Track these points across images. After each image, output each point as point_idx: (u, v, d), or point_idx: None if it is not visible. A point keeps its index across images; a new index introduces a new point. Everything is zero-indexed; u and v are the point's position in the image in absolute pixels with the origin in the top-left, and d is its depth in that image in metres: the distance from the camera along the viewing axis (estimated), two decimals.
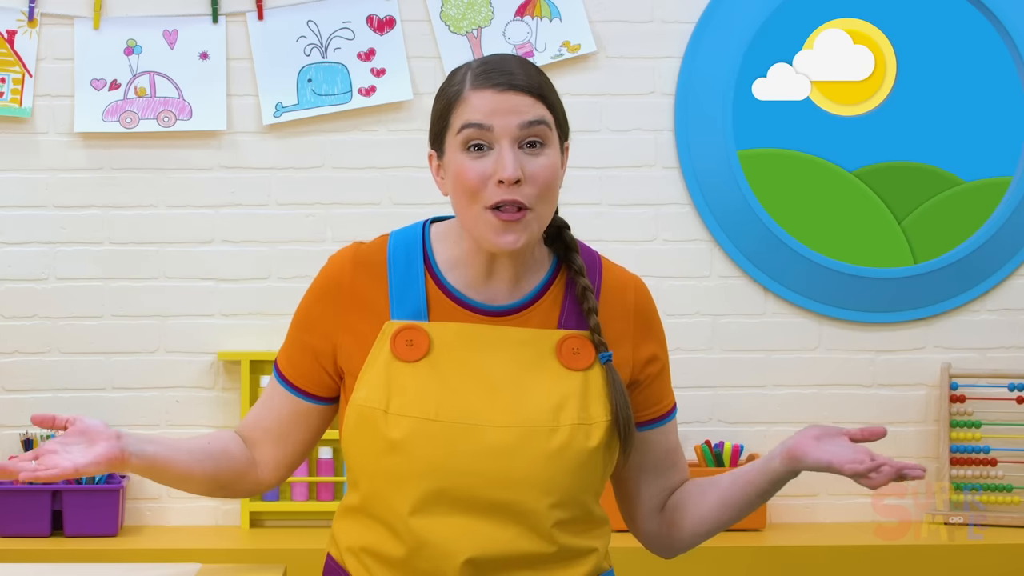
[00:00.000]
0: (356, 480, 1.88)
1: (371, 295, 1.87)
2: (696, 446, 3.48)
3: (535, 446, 1.80)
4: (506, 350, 1.85)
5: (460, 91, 1.82)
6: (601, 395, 1.85)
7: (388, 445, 1.80)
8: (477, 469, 1.79)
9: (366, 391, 1.83)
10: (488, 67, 1.82)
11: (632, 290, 1.94)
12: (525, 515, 1.80)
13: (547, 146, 1.81)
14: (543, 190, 1.80)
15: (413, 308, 1.86)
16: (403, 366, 1.83)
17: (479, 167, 1.78)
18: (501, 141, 1.78)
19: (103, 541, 3.29)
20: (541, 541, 1.82)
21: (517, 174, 1.77)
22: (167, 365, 3.50)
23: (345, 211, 3.51)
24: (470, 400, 1.81)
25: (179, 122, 3.46)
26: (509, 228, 1.79)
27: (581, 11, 3.51)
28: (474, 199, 1.79)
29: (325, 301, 1.89)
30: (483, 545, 1.80)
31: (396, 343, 1.83)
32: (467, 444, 1.79)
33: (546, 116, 1.81)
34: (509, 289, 1.88)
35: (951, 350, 3.58)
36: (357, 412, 1.83)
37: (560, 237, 1.93)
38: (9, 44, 3.44)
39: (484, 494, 1.80)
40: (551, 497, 1.81)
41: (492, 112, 1.78)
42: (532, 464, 1.80)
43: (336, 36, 3.50)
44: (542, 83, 1.83)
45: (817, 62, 3.53)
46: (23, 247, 3.48)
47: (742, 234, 3.54)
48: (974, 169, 3.56)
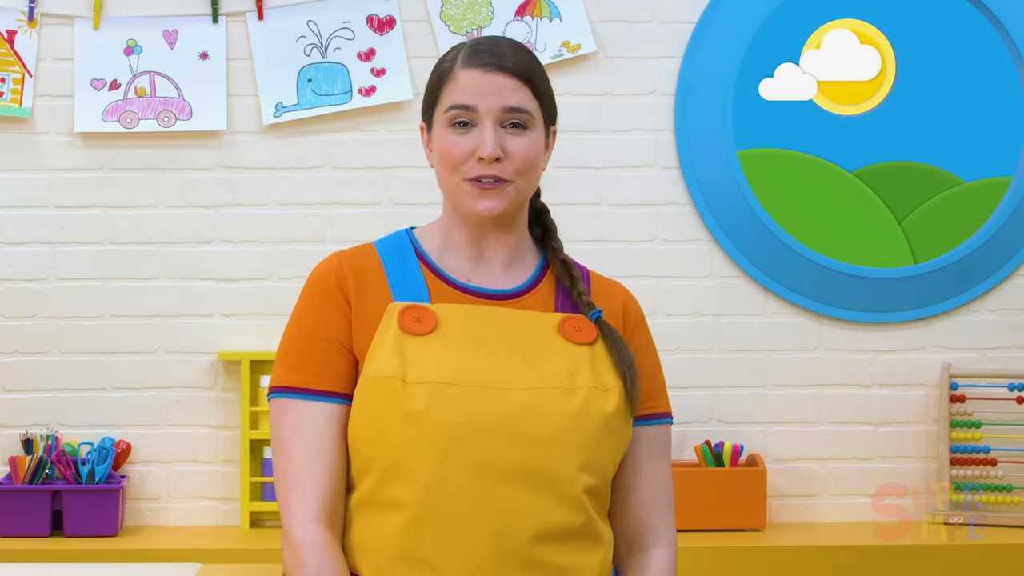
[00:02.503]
0: (365, 467, 1.84)
1: (370, 283, 1.89)
2: (696, 446, 3.48)
3: (556, 406, 1.81)
4: (511, 327, 1.87)
5: (451, 68, 1.89)
6: (609, 365, 1.88)
7: (408, 415, 1.78)
8: (502, 430, 1.79)
9: (379, 364, 1.81)
10: (480, 47, 1.89)
11: (620, 294, 2.00)
12: (554, 480, 1.80)
13: (529, 129, 1.88)
14: (523, 166, 1.87)
15: (414, 292, 1.88)
16: (414, 339, 1.83)
17: (463, 143, 1.86)
18: (485, 121, 1.86)
19: (103, 541, 3.29)
20: (570, 510, 1.81)
21: (497, 152, 1.85)
22: (167, 365, 3.50)
23: (345, 211, 3.51)
24: (486, 365, 1.81)
25: (179, 122, 3.46)
26: (486, 194, 1.86)
27: (581, 11, 3.51)
28: (455, 171, 1.87)
29: (324, 298, 1.89)
30: (513, 518, 1.78)
31: (403, 319, 1.84)
32: (489, 406, 1.79)
33: (529, 104, 1.88)
34: (502, 273, 1.92)
35: (951, 350, 3.58)
36: (372, 384, 1.81)
37: (540, 220, 1.99)
38: (9, 44, 3.44)
39: (510, 457, 1.78)
40: (577, 457, 1.81)
41: (478, 93, 1.86)
42: (555, 423, 1.80)
43: (336, 36, 3.50)
44: (531, 68, 1.89)
45: (824, 62, 3.53)
46: (23, 247, 3.48)
47: (742, 234, 3.54)
48: (974, 169, 3.56)
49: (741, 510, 3.41)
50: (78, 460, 3.37)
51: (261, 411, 3.42)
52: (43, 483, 3.35)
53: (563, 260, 1.95)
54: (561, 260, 1.95)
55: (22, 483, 3.33)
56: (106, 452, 3.37)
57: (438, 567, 1.79)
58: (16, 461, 3.33)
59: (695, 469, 3.43)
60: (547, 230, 1.99)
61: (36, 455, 3.35)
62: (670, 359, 3.28)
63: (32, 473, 3.34)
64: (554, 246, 1.97)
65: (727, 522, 3.41)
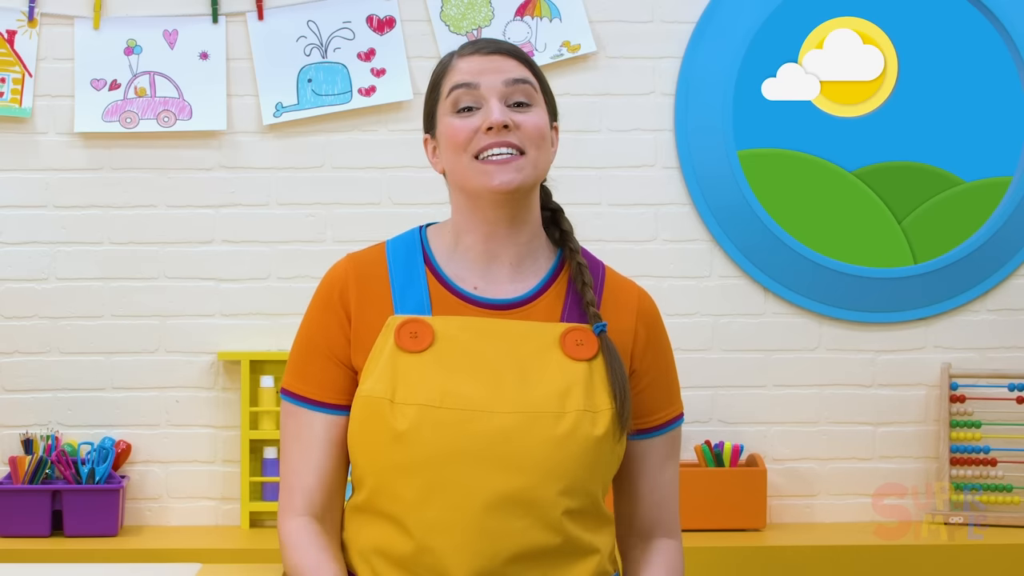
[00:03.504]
0: (362, 477, 1.88)
1: (374, 294, 1.90)
2: (696, 446, 3.48)
3: (541, 431, 1.80)
4: (509, 341, 1.86)
5: (448, 62, 1.92)
6: (605, 384, 1.87)
7: (394, 435, 1.81)
8: (484, 455, 1.79)
9: (371, 382, 1.84)
10: (476, 40, 1.93)
11: (635, 293, 1.99)
12: (534, 504, 1.80)
13: (534, 106, 1.88)
14: (533, 136, 1.86)
15: (416, 303, 1.88)
16: (408, 356, 1.84)
17: (468, 123, 1.85)
18: (489, 99, 1.85)
19: (103, 541, 3.29)
20: (550, 532, 1.81)
21: (505, 119, 1.83)
22: (167, 365, 3.50)
23: (345, 211, 3.51)
24: (475, 388, 1.81)
25: (179, 122, 3.46)
26: (502, 168, 1.84)
27: (581, 11, 3.51)
28: (463, 150, 1.85)
29: (327, 312, 1.91)
30: (491, 541, 1.79)
31: (400, 335, 1.85)
32: (472, 430, 1.80)
33: (530, 76, 1.89)
34: (511, 276, 1.91)
35: (951, 350, 3.58)
36: (363, 404, 1.84)
37: (555, 221, 1.98)
38: (9, 44, 3.44)
39: (492, 482, 1.79)
40: (560, 483, 1.81)
41: (479, 72, 1.86)
42: (539, 448, 1.80)
43: (336, 36, 3.50)
44: (530, 59, 1.92)
45: (827, 62, 3.53)
46: (23, 247, 3.48)
47: (742, 234, 3.54)
48: (974, 169, 3.56)
49: (741, 510, 3.41)
50: (78, 460, 3.37)
51: (261, 411, 3.42)
52: (43, 483, 3.35)
53: (579, 263, 1.93)
54: (577, 263, 1.93)
55: (22, 483, 3.33)
56: (106, 452, 3.37)
57: None
58: (16, 461, 3.33)
59: (695, 469, 3.43)
60: (564, 231, 1.97)
61: (36, 455, 3.35)
62: None
63: (32, 473, 3.34)
64: (572, 247, 1.95)
65: (727, 522, 3.41)
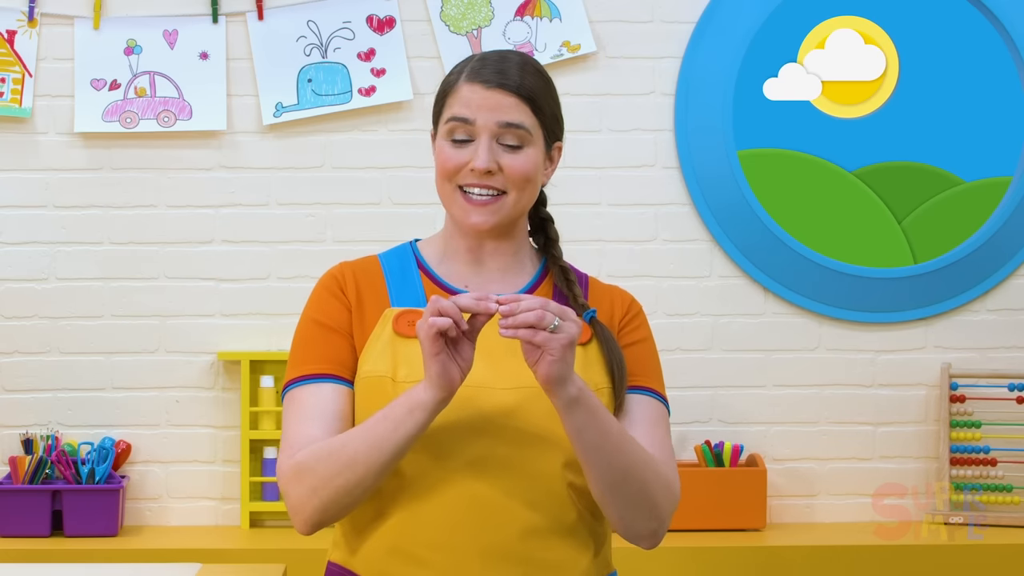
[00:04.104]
0: None
1: (370, 290, 1.93)
2: (696, 446, 3.48)
3: (541, 405, 1.81)
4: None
5: (455, 81, 1.93)
6: (600, 366, 1.89)
7: None
8: (487, 429, 1.81)
9: (371, 364, 1.86)
10: (485, 63, 1.92)
11: (619, 295, 2.00)
12: (539, 477, 1.82)
13: (525, 147, 1.90)
14: (517, 180, 1.90)
15: (412, 298, 1.92)
16: (406, 341, 1.86)
17: (458, 155, 1.89)
18: (481, 135, 1.88)
19: (103, 541, 3.29)
20: (559, 507, 1.83)
21: (490, 166, 1.88)
22: (167, 365, 3.49)
23: (345, 211, 3.51)
24: (476, 365, 1.81)
25: (179, 122, 3.46)
26: (479, 210, 1.90)
27: (581, 11, 3.51)
28: (449, 179, 1.91)
29: (329, 295, 1.93)
30: (496, 515, 1.80)
31: (398, 323, 1.88)
32: (474, 407, 1.82)
33: (527, 121, 1.90)
34: (500, 280, 1.95)
35: (951, 350, 3.58)
36: (365, 384, 1.86)
37: (543, 229, 2.02)
38: (9, 44, 3.44)
39: (496, 455, 1.80)
40: (562, 455, 1.82)
41: (477, 107, 1.88)
42: (541, 421, 1.82)
43: (336, 36, 3.50)
44: (534, 87, 1.91)
45: (828, 62, 3.53)
46: (23, 247, 3.48)
47: (742, 234, 3.54)
48: (974, 169, 3.56)
49: (741, 510, 3.41)
50: (78, 460, 3.37)
51: (261, 411, 3.42)
52: (43, 483, 3.34)
53: (561, 267, 1.97)
54: (560, 267, 1.97)
55: (22, 483, 3.33)
56: (106, 452, 3.37)
57: (425, 561, 1.82)
58: (16, 461, 3.33)
59: (695, 469, 3.43)
60: (549, 239, 2.01)
61: (36, 455, 3.35)
62: (670, 359, 3.28)
63: (32, 473, 3.34)
64: (555, 254, 1.99)
65: (727, 522, 3.41)
